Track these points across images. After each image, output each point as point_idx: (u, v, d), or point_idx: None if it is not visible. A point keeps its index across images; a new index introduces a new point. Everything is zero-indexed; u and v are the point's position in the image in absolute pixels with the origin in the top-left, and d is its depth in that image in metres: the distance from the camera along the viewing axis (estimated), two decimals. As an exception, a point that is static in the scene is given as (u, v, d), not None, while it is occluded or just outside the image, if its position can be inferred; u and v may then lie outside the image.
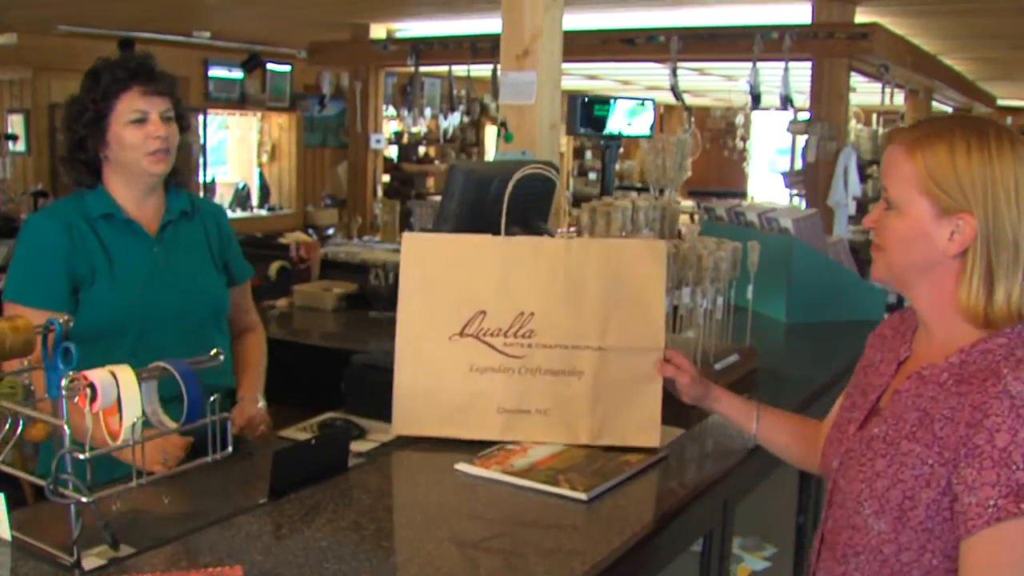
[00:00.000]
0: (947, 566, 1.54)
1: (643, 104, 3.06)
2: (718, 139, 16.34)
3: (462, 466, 1.97)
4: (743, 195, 14.06)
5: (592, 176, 15.94)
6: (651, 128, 3.12)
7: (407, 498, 1.91)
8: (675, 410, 2.20)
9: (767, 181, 17.51)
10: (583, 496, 1.83)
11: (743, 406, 2.07)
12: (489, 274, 2.14)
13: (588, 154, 16.30)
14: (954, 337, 1.62)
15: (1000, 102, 15.66)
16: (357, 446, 2.15)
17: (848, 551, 1.63)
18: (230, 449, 1.70)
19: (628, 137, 3.12)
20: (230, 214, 11.94)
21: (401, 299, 2.17)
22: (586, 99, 2.91)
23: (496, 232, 2.26)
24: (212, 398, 1.66)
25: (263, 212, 12.94)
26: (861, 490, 1.61)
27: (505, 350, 2.12)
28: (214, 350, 1.79)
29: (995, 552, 1.46)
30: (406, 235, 2.21)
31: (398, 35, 10.16)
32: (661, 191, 3.38)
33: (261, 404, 2.40)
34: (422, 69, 9.67)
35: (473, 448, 2.06)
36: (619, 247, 2.15)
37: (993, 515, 1.45)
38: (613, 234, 2.56)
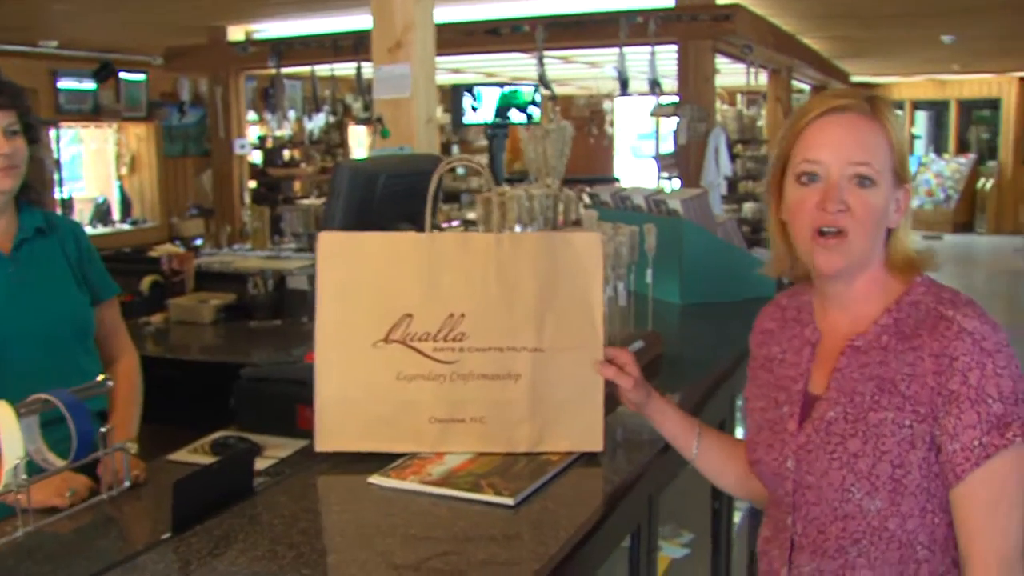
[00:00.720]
0: (948, 520, 1.53)
1: (528, 91, 2.98)
2: (583, 127, 16.43)
3: (376, 479, 1.85)
4: (613, 180, 14.13)
5: (461, 171, 15.82)
6: (539, 114, 3.04)
7: (322, 519, 1.77)
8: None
9: (631, 166, 17.72)
10: (510, 501, 1.73)
11: (685, 423, 1.94)
12: (414, 274, 1.98)
13: (456, 148, 16.17)
14: (875, 302, 1.62)
15: (853, 79, 16.11)
16: (255, 464, 2.02)
17: (844, 542, 1.57)
18: (127, 483, 1.56)
19: (515, 125, 3.03)
20: (91, 230, 11.51)
21: (319, 304, 2.00)
22: (470, 88, 2.80)
23: (385, 229, 2.14)
24: (103, 429, 1.52)
25: (126, 226, 12.47)
26: (844, 477, 1.55)
27: (435, 355, 1.97)
28: (100, 376, 1.65)
29: (991, 489, 1.47)
30: (322, 235, 2.04)
31: (257, 36, 9.92)
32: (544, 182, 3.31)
33: (131, 449, 2.19)
34: (284, 70, 9.44)
35: (382, 459, 1.94)
36: (552, 241, 2.02)
37: (981, 454, 1.46)
38: (509, 224, 2.46)
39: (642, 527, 2.02)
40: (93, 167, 12.73)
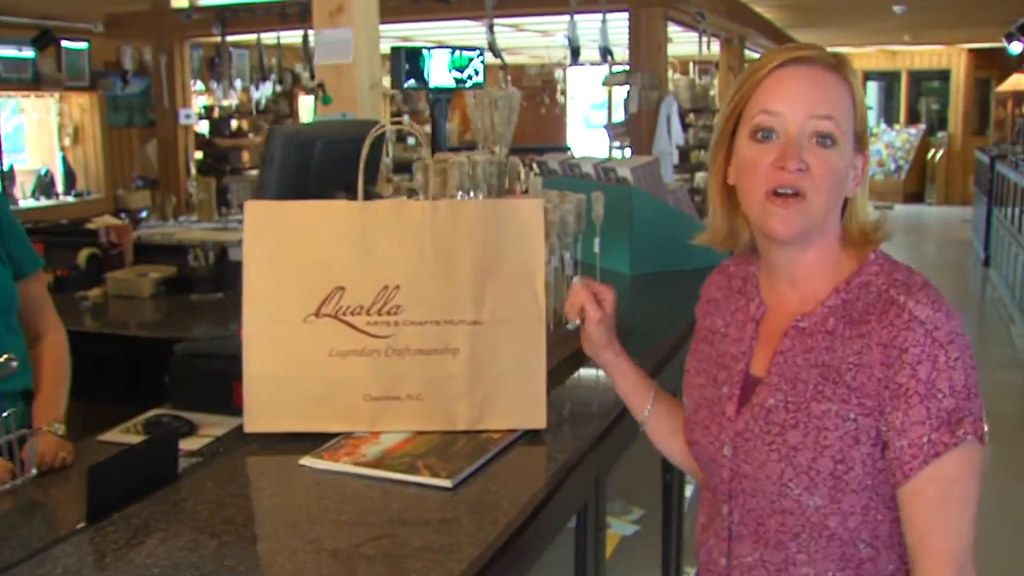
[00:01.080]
0: (892, 516, 1.43)
1: (472, 54, 2.88)
2: (535, 97, 16.29)
3: (308, 461, 1.75)
4: (565, 150, 14.05)
5: (412, 141, 15.67)
6: (483, 79, 2.94)
7: (250, 504, 1.67)
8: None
9: (584, 137, 17.63)
10: (447, 483, 1.64)
11: (641, 382, 1.82)
12: (346, 244, 1.87)
13: (407, 118, 16.01)
14: (825, 279, 1.50)
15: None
16: (188, 444, 1.94)
17: (783, 536, 1.47)
18: (34, 471, 1.46)
19: (459, 89, 2.93)
20: (32, 203, 11.29)
21: (246, 278, 1.89)
22: (410, 51, 2.69)
23: (323, 198, 2.04)
24: (5, 414, 1.42)
25: (70, 199, 12.20)
26: (782, 471, 1.44)
27: (368, 330, 1.87)
28: (3, 356, 1.54)
29: (940, 488, 1.36)
30: (249, 204, 1.93)
31: (201, 3, 9.69)
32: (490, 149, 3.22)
33: (58, 430, 2.08)
34: (230, 39, 9.24)
35: (316, 439, 1.84)
36: (492, 208, 1.92)
37: (930, 452, 1.35)
38: (450, 192, 2.36)
39: (589, 506, 1.93)
40: (35, 138, 12.44)
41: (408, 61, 2.65)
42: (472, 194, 2.53)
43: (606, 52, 7.62)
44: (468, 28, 9.82)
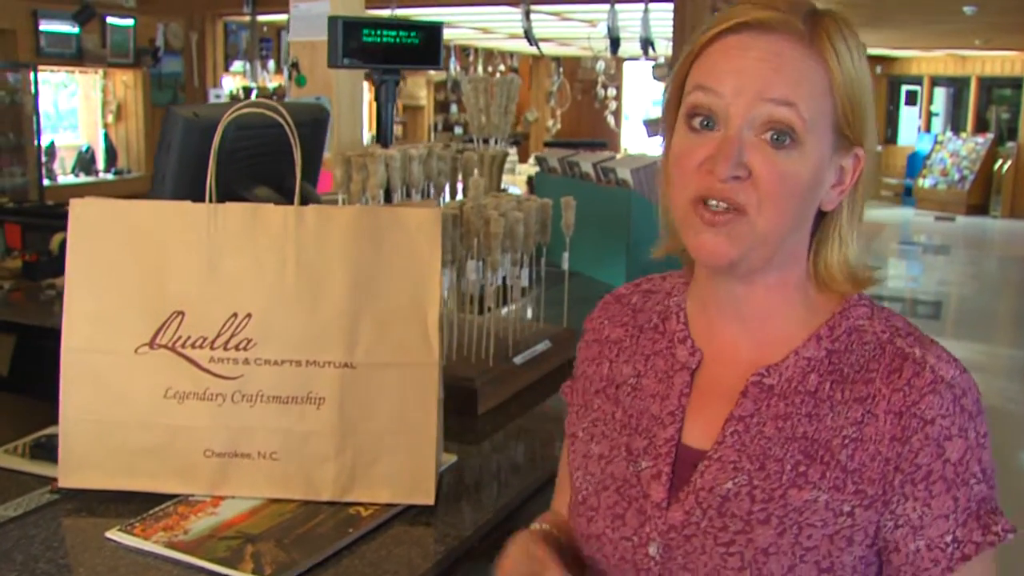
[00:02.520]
0: None
1: (427, 30, 2.47)
2: (590, 90, 15.76)
3: (115, 535, 1.36)
4: (602, 146, 13.51)
5: (459, 130, 15.29)
6: (439, 59, 2.54)
7: None
8: (454, 422, 1.65)
9: (642, 133, 17.16)
10: (269, 584, 1.24)
11: None
12: (191, 258, 1.48)
13: (454, 108, 15.60)
14: (792, 320, 1.12)
15: (869, 51, 15.51)
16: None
17: None
18: None
19: (410, 68, 2.53)
20: (72, 179, 11.14)
21: (68, 295, 1.51)
22: (349, 23, 2.30)
23: (236, 194, 1.66)
24: None
25: (109, 176, 12.01)
26: None
27: (212, 368, 1.48)
28: None
29: None
30: (75, 202, 1.54)
31: (234, -20, 9.41)
32: (486, 141, 2.85)
33: None
34: (270, 19, 8.95)
35: (151, 501, 1.46)
36: (374, 218, 1.50)
37: (956, 555, 1.02)
38: (371, 193, 1.96)
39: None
40: (81, 114, 12.28)
41: (346, 35, 2.25)
42: (415, 194, 2.14)
43: (647, 44, 7.19)
44: (514, 14, 9.39)
